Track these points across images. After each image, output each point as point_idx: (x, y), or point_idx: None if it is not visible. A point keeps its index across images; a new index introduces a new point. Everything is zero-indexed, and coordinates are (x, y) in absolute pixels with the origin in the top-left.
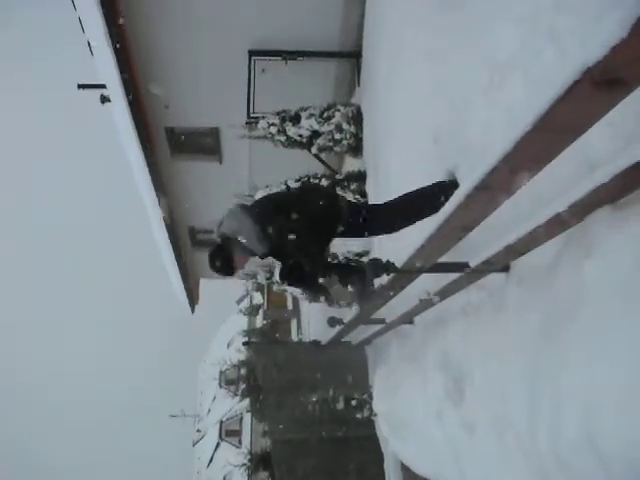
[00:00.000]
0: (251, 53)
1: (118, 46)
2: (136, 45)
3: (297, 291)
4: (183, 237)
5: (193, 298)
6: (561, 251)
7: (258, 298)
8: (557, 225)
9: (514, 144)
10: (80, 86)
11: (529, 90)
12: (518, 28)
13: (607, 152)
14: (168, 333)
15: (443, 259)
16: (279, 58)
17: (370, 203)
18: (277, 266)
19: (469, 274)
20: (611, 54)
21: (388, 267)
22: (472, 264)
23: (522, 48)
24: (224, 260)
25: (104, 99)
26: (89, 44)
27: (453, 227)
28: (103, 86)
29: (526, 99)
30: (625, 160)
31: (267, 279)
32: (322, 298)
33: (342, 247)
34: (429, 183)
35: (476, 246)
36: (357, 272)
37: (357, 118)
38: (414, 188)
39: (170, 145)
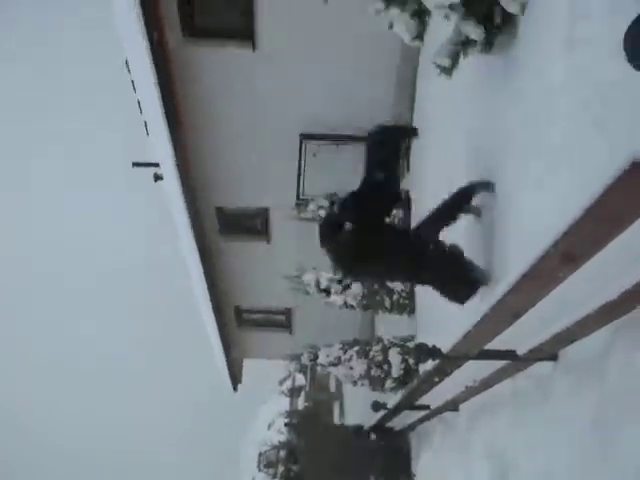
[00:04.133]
0: (302, 136)
1: (173, 126)
2: (191, 126)
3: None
4: (229, 316)
5: (236, 377)
6: (611, 341)
7: (301, 379)
8: (607, 314)
9: (564, 232)
10: (135, 164)
11: (578, 179)
12: (566, 122)
13: None
14: (210, 411)
15: (489, 347)
16: (330, 142)
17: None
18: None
19: (517, 362)
20: None
21: (434, 353)
22: (520, 352)
23: (570, 140)
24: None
25: (157, 177)
26: (145, 124)
27: (501, 314)
28: (157, 165)
29: (575, 189)
30: None
31: (311, 360)
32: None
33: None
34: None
35: (524, 333)
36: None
37: (406, 203)
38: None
39: (220, 224)
